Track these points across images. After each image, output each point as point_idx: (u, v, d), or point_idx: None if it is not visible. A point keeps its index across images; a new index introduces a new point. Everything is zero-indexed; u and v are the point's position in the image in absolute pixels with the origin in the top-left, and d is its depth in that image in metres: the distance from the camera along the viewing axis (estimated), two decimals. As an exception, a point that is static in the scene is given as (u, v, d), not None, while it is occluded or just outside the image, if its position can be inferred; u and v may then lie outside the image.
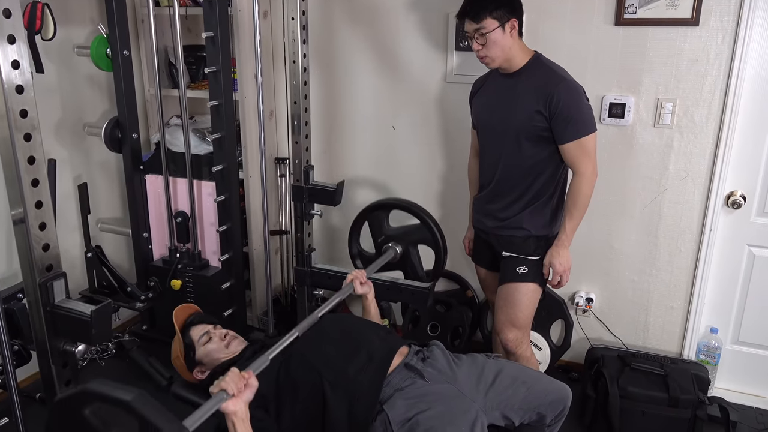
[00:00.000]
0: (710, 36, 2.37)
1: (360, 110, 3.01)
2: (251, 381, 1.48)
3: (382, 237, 2.42)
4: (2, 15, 1.21)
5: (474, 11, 2.02)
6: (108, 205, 3.09)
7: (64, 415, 1.17)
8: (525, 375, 1.82)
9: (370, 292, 2.08)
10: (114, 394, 1.09)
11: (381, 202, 2.45)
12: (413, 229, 2.37)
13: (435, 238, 2.31)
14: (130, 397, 1.07)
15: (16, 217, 1.35)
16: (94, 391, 1.11)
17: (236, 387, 1.43)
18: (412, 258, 2.39)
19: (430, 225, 2.30)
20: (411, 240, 2.38)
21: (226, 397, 1.42)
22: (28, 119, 1.30)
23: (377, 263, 2.27)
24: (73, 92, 2.84)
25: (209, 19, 2.36)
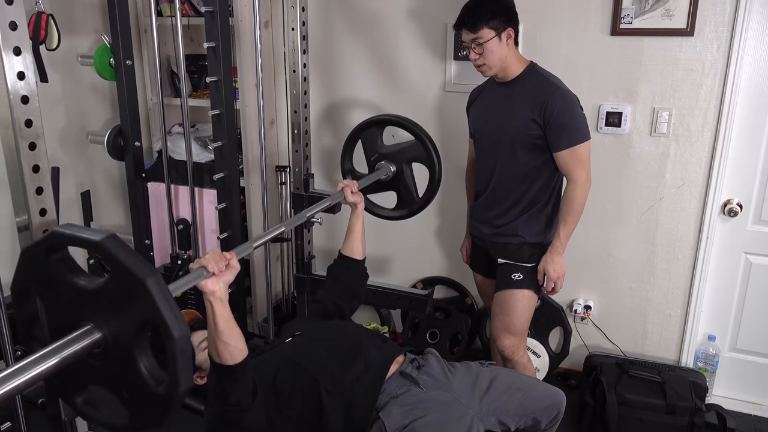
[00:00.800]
0: (705, 46, 2.40)
1: (360, 118, 3.01)
2: (233, 262, 1.41)
3: (376, 155, 2.32)
4: (8, 27, 1.24)
5: (471, 21, 2.06)
6: (110, 212, 3.12)
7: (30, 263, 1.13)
8: (520, 382, 1.83)
9: (360, 203, 2.06)
10: (83, 235, 1.06)
11: (375, 119, 2.35)
12: (407, 146, 2.28)
13: (429, 154, 2.21)
14: (100, 237, 1.03)
15: (21, 224, 1.38)
16: (62, 233, 1.08)
17: (217, 266, 1.37)
18: (405, 177, 2.30)
19: (425, 141, 2.21)
20: (405, 158, 2.28)
21: (206, 274, 1.36)
22: (33, 129, 1.33)
23: (369, 177, 2.21)
24: (77, 101, 2.88)
25: (211, 29, 2.39)
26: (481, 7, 2.08)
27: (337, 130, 3.08)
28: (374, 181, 2.24)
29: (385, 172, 2.28)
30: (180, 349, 1.04)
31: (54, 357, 1.03)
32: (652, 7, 2.41)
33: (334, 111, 3.07)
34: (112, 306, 1.08)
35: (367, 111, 3.00)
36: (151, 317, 1.03)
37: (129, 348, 1.08)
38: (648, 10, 2.42)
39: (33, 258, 1.14)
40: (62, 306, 1.14)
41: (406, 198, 2.32)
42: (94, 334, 1.09)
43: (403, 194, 2.33)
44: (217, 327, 1.42)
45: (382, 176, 2.27)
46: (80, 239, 1.07)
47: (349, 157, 2.40)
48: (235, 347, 1.46)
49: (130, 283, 1.03)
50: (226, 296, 1.42)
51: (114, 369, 1.12)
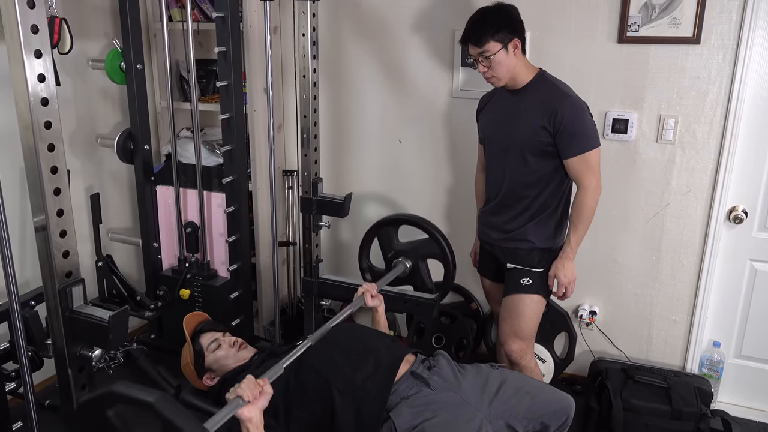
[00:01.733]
0: (711, 54, 2.42)
1: (368, 124, 3.06)
2: (266, 388, 1.51)
3: (392, 252, 2.46)
4: (30, 31, 1.26)
5: (476, 36, 2.08)
6: (119, 215, 3.14)
7: (87, 416, 1.20)
8: (529, 385, 1.85)
9: (381, 306, 2.13)
10: (138, 395, 1.13)
11: (391, 218, 2.49)
12: (422, 243, 2.41)
13: (443, 252, 2.34)
14: (153, 398, 1.10)
15: (38, 224, 1.40)
16: (119, 392, 1.15)
17: (252, 394, 1.46)
18: (421, 272, 2.43)
19: (439, 239, 2.34)
20: (420, 254, 2.42)
21: (242, 403, 1.45)
22: (52, 130, 1.35)
23: (387, 277, 2.30)
24: (87, 104, 2.90)
25: (222, 34, 2.42)
26: (486, 20, 2.09)
27: (344, 134, 3.11)
28: (393, 279, 2.35)
29: (402, 270, 2.41)
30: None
31: None
32: (659, 15, 2.43)
33: (342, 116, 3.09)
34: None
35: (374, 117, 3.02)
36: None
37: None
38: (655, 19, 2.45)
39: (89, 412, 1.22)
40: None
41: (423, 291, 2.44)
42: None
43: (419, 288, 2.46)
44: None
45: (400, 274, 2.39)
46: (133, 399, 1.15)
47: (366, 255, 2.52)
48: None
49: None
50: (261, 422, 1.49)
51: None
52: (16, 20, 1.24)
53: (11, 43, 1.27)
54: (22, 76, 1.28)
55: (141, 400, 1.12)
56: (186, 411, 1.15)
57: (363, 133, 3.08)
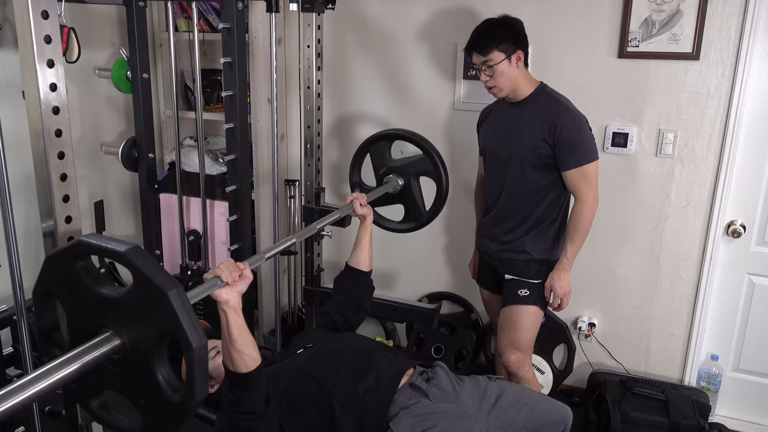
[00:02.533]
0: (710, 70, 2.45)
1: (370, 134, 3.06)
2: (246, 272, 1.44)
3: (384, 169, 2.37)
4: (44, 41, 1.29)
5: (481, 44, 2.12)
6: (122, 222, 3.16)
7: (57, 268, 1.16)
8: (527, 397, 1.86)
9: (369, 216, 2.10)
10: (108, 245, 1.10)
11: (383, 133, 2.39)
12: (415, 161, 2.32)
13: (437, 168, 2.24)
14: (125, 249, 1.07)
15: (47, 230, 1.42)
16: (90, 243, 1.11)
17: (231, 276, 1.40)
18: (413, 191, 2.34)
19: (433, 156, 2.24)
20: (413, 172, 2.32)
21: (220, 284, 1.38)
22: (63, 138, 1.37)
23: (378, 191, 2.25)
24: (92, 112, 2.93)
25: (227, 45, 2.45)
26: (491, 30, 2.14)
27: (346, 144, 3.13)
28: (382, 194, 2.27)
29: (393, 186, 2.32)
30: (198, 359, 1.06)
31: (75, 362, 1.06)
32: (659, 31, 2.47)
33: (344, 126, 3.12)
34: (133, 315, 1.11)
35: (376, 127, 3.05)
36: (172, 328, 1.06)
37: (147, 356, 1.11)
38: (655, 35, 2.48)
39: (57, 264, 1.17)
40: (83, 313, 1.17)
41: (414, 211, 2.36)
42: (113, 341, 1.12)
43: (410, 207, 2.36)
44: (231, 335, 1.45)
45: (390, 189, 2.31)
46: (105, 249, 1.11)
47: (357, 170, 2.44)
48: (249, 355, 1.48)
49: (152, 293, 1.06)
50: (240, 305, 1.44)
51: (131, 376, 1.15)
52: (30, 30, 1.26)
53: (24, 53, 1.29)
54: (35, 85, 1.30)
55: (112, 251, 1.09)
56: (157, 262, 1.12)
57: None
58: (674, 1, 2.42)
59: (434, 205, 2.31)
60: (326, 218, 1.93)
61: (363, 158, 2.42)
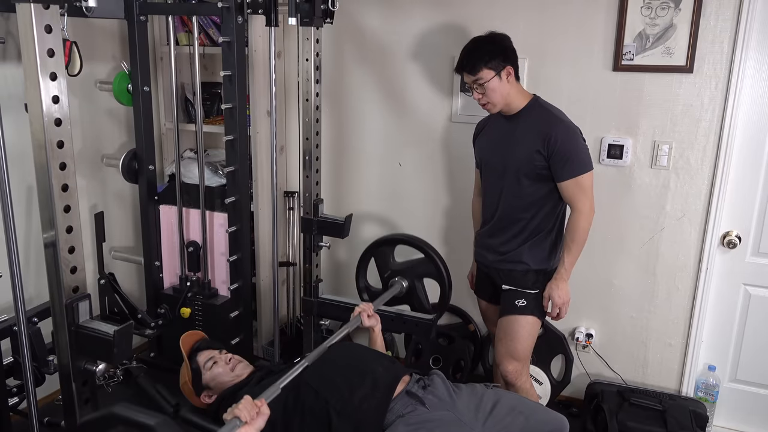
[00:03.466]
0: (704, 82, 2.48)
1: (368, 147, 3.12)
2: (263, 409, 1.53)
3: (389, 272, 2.50)
4: (47, 54, 1.32)
5: (470, 65, 2.16)
6: (121, 233, 3.19)
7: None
8: (523, 405, 1.87)
9: (377, 325, 2.16)
10: (139, 418, 1.15)
11: (387, 238, 2.53)
12: (418, 263, 2.44)
13: (439, 271, 2.38)
14: (154, 422, 1.13)
15: (48, 240, 1.44)
16: (121, 414, 1.18)
17: (249, 414, 1.49)
18: (417, 292, 2.46)
19: (435, 259, 2.38)
20: (416, 274, 2.45)
21: (239, 424, 1.47)
22: (64, 150, 1.40)
23: (384, 297, 2.34)
24: (93, 125, 2.96)
25: (227, 58, 2.48)
26: (479, 49, 2.18)
27: (345, 156, 3.16)
28: (389, 298, 2.38)
29: (398, 289, 2.44)
30: None
31: None
32: (653, 45, 2.51)
33: (343, 138, 3.15)
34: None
35: (375, 140, 3.08)
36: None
37: None
38: (648, 48, 2.52)
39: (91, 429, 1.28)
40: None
41: (420, 310, 2.47)
42: None
43: (416, 307, 2.49)
44: None
45: (396, 293, 2.43)
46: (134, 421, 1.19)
47: (363, 275, 2.57)
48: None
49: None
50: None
51: None
52: (33, 44, 1.30)
53: (28, 66, 1.32)
54: (38, 98, 1.33)
55: (142, 423, 1.15)
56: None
57: (363, 156, 3.14)
58: (668, 15, 2.46)
59: (440, 305, 2.48)
60: (336, 335, 1.98)
61: (368, 263, 2.56)
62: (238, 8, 2.41)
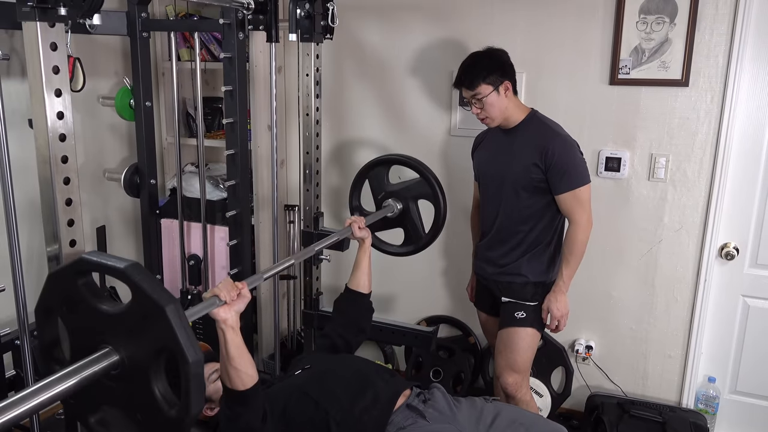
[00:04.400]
0: (700, 96, 2.51)
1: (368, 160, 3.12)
2: (244, 292, 1.48)
3: (383, 193, 2.42)
4: (52, 71, 1.34)
5: (468, 80, 2.19)
6: (123, 247, 3.20)
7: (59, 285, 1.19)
8: (523, 417, 1.87)
9: (368, 239, 2.15)
10: (109, 262, 1.13)
11: (382, 158, 2.45)
12: (414, 184, 2.37)
13: (434, 191, 2.30)
14: (124, 265, 1.10)
15: (51, 253, 1.46)
16: (90, 260, 1.15)
17: (229, 295, 1.43)
18: (411, 214, 2.39)
19: (430, 179, 2.29)
20: (411, 195, 2.37)
21: (219, 303, 1.42)
22: (68, 165, 1.42)
23: (376, 214, 2.30)
24: (95, 140, 2.99)
25: (229, 73, 2.51)
26: (477, 65, 2.21)
27: (345, 170, 3.19)
28: (381, 218, 2.32)
29: (391, 210, 2.37)
30: (194, 374, 1.10)
31: (74, 377, 1.09)
32: (649, 59, 2.54)
33: (343, 152, 3.18)
34: (132, 331, 1.14)
35: (375, 153, 3.10)
36: (169, 343, 1.10)
37: (145, 371, 1.14)
38: (645, 62, 2.55)
39: (59, 281, 1.21)
40: (84, 329, 1.21)
41: (413, 234, 2.41)
42: (112, 357, 1.15)
43: (410, 231, 2.41)
44: (228, 353, 1.48)
45: (389, 213, 2.37)
46: (106, 266, 1.15)
47: (357, 195, 2.50)
48: (246, 373, 1.52)
49: (150, 309, 1.10)
50: (238, 324, 1.48)
51: (129, 391, 1.18)
52: (39, 61, 1.32)
53: (33, 82, 1.35)
54: (43, 114, 1.35)
55: (112, 267, 1.11)
56: (156, 279, 1.15)
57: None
58: (663, 30, 2.50)
59: (433, 228, 2.36)
60: (325, 240, 1.97)
61: (362, 183, 2.48)
62: (239, 24, 2.44)
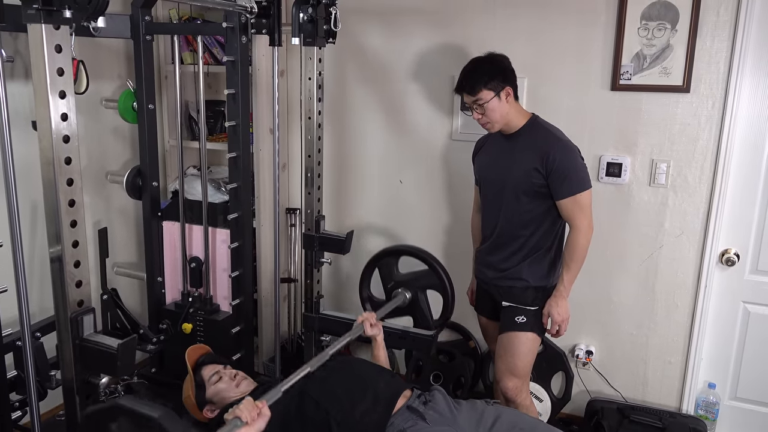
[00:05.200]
0: (701, 102, 2.52)
1: (370, 164, 3.16)
2: (264, 410, 1.55)
3: (392, 283, 2.49)
4: (56, 73, 1.35)
5: (470, 86, 2.20)
6: (124, 249, 3.21)
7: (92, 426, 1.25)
8: (523, 422, 1.88)
9: (380, 335, 2.17)
10: (142, 410, 1.18)
11: (391, 249, 2.53)
12: (422, 274, 2.43)
13: (443, 283, 2.37)
14: (157, 414, 1.15)
15: (54, 254, 1.47)
16: (125, 405, 1.20)
17: (250, 415, 1.50)
18: (420, 303, 2.45)
19: (438, 270, 2.37)
20: (420, 285, 2.44)
21: (240, 424, 1.48)
22: (72, 166, 1.43)
23: (387, 307, 2.34)
24: (98, 142, 3.00)
25: (231, 77, 2.52)
26: (478, 70, 2.22)
27: (346, 174, 3.20)
28: (392, 309, 2.38)
29: (402, 300, 2.44)
30: None
31: None
32: (650, 65, 2.55)
33: (344, 156, 3.19)
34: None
35: (376, 158, 3.12)
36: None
37: None
38: (646, 68, 2.56)
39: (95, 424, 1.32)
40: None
41: (422, 323, 2.47)
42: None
43: (419, 319, 2.49)
44: None
45: (399, 304, 2.43)
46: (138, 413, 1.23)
47: (366, 285, 2.57)
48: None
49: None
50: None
51: None
52: (44, 63, 1.33)
53: (38, 84, 1.36)
54: (47, 115, 1.36)
55: (145, 415, 1.17)
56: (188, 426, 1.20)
57: (365, 173, 3.17)
58: (664, 36, 2.51)
59: (442, 317, 2.48)
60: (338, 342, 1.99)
61: (372, 272, 2.56)
62: (242, 28, 2.45)
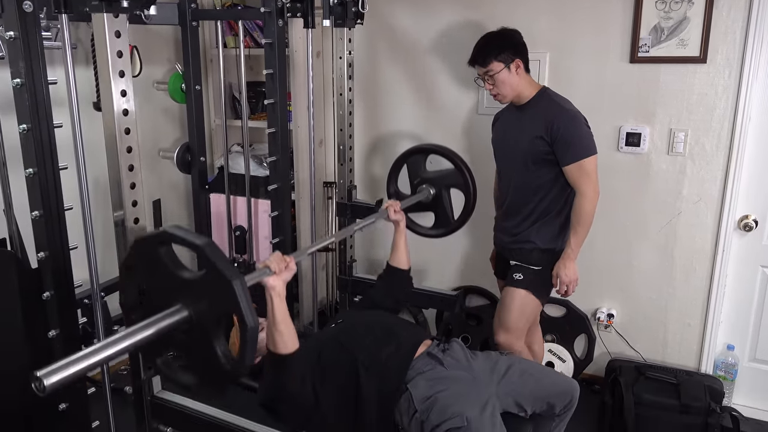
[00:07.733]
0: (717, 72, 2.60)
1: (399, 138, 3.33)
2: (291, 265, 1.69)
3: (418, 179, 2.58)
4: (116, 55, 1.58)
5: (481, 57, 2.34)
6: (176, 219, 3.48)
7: (142, 250, 1.41)
8: (534, 369, 2.05)
9: (402, 221, 2.31)
10: (189, 237, 1.33)
11: (420, 147, 2.63)
12: (447, 173, 2.52)
13: (466, 182, 2.45)
14: (202, 242, 1.30)
15: (117, 218, 1.70)
16: (172, 233, 1.36)
17: (278, 266, 1.65)
18: (443, 201, 2.54)
19: (463, 170, 2.44)
20: (445, 183, 2.53)
21: (269, 273, 1.63)
22: (130, 135, 1.66)
23: (411, 198, 2.47)
24: (151, 121, 3.27)
25: (270, 58, 2.72)
26: (489, 43, 2.36)
27: (377, 148, 3.38)
28: (415, 202, 2.51)
29: (425, 195, 2.55)
30: (251, 337, 1.30)
31: (153, 327, 1.30)
32: (668, 37, 2.63)
33: (376, 131, 3.37)
34: (201, 296, 1.35)
35: (405, 134, 3.29)
36: (232, 310, 1.31)
37: (209, 330, 1.35)
38: (664, 40, 2.65)
39: (144, 247, 1.44)
40: (159, 288, 1.43)
41: (443, 219, 2.58)
42: (183, 313, 1.36)
43: (440, 216, 2.59)
44: (275, 318, 1.70)
45: (423, 198, 2.55)
46: (185, 240, 1.36)
47: (394, 180, 2.69)
48: (289, 338, 1.74)
49: (219, 281, 1.30)
50: (284, 293, 1.69)
51: (193, 344, 1.40)
52: (106, 47, 1.55)
53: (101, 65, 1.59)
54: (110, 92, 1.59)
55: (191, 242, 1.31)
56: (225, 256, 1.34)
57: (395, 146, 3.34)
58: (681, 9, 2.59)
59: (462, 215, 2.54)
60: (362, 222, 2.17)
61: (400, 169, 2.67)
62: (279, 12, 2.64)
